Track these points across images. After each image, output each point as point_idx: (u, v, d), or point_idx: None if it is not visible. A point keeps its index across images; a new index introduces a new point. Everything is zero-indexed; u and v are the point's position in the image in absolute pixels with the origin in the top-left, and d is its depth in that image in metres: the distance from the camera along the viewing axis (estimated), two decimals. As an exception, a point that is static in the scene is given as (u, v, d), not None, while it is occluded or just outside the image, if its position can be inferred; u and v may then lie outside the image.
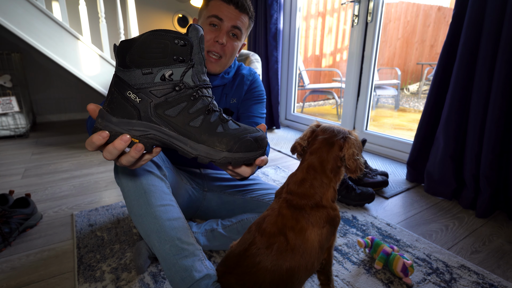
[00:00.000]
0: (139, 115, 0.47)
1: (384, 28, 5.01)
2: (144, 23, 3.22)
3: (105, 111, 0.47)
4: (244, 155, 0.51)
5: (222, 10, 0.85)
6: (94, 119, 0.71)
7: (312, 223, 0.60)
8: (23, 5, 1.85)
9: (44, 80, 2.94)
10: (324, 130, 0.68)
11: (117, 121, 0.46)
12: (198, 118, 0.49)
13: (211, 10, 0.85)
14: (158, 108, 0.47)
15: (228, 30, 0.87)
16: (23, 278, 0.83)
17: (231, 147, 0.50)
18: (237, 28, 0.87)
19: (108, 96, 0.48)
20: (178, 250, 0.65)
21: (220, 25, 0.86)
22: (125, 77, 0.46)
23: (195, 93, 0.49)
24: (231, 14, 0.85)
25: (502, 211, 1.25)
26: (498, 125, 1.15)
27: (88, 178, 1.56)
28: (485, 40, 1.16)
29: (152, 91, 0.46)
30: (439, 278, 0.85)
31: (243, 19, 0.88)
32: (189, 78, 0.48)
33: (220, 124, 0.51)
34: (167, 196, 0.72)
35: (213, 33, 0.86)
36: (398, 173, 1.65)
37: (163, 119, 0.48)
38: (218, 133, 0.50)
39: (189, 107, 0.49)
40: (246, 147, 0.51)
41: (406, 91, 5.38)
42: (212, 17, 0.85)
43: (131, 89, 0.46)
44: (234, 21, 0.86)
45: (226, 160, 0.50)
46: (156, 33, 0.45)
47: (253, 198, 0.99)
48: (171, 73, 0.46)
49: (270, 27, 2.52)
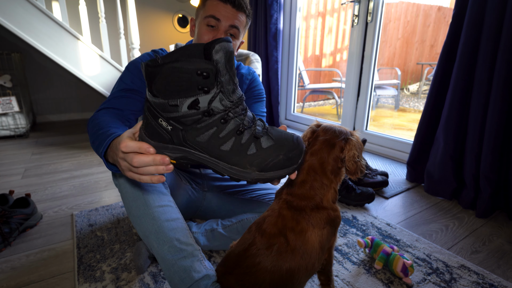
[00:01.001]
0: (172, 140, 0.48)
1: (384, 28, 5.01)
2: (144, 23, 3.22)
3: (144, 135, 0.49)
4: (276, 173, 0.51)
5: (219, 10, 0.84)
6: (95, 123, 0.70)
7: (312, 224, 0.60)
8: (23, 5, 1.85)
9: (44, 80, 2.94)
10: (325, 130, 0.67)
11: (155, 145, 0.48)
12: (229, 142, 0.48)
13: (208, 10, 0.85)
14: (189, 136, 0.47)
15: (226, 30, 0.86)
16: (23, 278, 0.83)
17: (262, 168, 0.49)
18: (235, 27, 0.86)
19: (144, 119, 0.49)
20: (176, 250, 0.65)
21: (217, 25, 0.85)
22: (155, 104, 0.46)
23: (226, 115, 0.48)
24: (228, 14, 0.84)
25: (502, 211, 1.25)
26: (498, 125, 1.15)
27: (88, 178, 1.56)
28: (485, 40, 1.16)
29: (181, 119, 0.46)
30: (439, 278, 0.85)
31: (240, 17, 0.87)
32: (218, 103, 0.47)
33: (252, 143, 0.50)
34: (165, 197, 0.72)
35: (210, 33, 0.86)
36: (398, 173, 1.65)
37: (195, 144, 0.48)
38: (249, 156, 0.49)
39: (219, 131, 0.48)
40: (278, 166, 0.50)
41: (406, 91, 5.38)
42: (209, 18, 0.84)
43: (162, 117, 0.47)
44: (232, 20, 0.85)
45: (257, 180, 0.50)
46: (175, 68, 0.43)
47: (253, 198, 0.99)
48: (197, 102, 0.45)
49: (270, 27, 2.52)
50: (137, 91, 0.84)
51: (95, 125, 0.69)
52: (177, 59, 0.43)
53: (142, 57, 0.89)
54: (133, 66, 0.86)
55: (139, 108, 0.84)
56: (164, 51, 0.95)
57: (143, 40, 3.25)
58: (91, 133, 0.69)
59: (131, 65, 0.87)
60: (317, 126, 0.71)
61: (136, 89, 0.84)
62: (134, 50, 2.15)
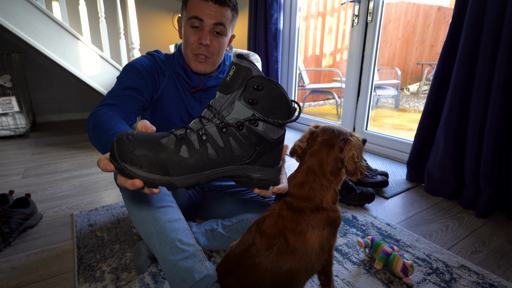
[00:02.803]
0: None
1: (384, 28, 5.01)
2: (144, 23, 3.22)
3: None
4: None
5: (202, 9, 0.81)
6: (97, 118, 0.69)
7: (312, 225, 0.60)
8: (23, 5, 1.85)
9: (44, 80, 2.94)
10: (324, 131, 0.67)
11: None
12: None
13: (190, 11, 0.82)
14: None
15: (211, 29, 0.83)
16: (23, 278, 0.83)
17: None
18: (220, 24, 0.83)
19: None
20: (178, 251, 0.64)
21: (201, 25, 0.83)
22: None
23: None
24: (211, 12, 0.81)
25: (502, 211, 1.25)
26: (498, 125, 1.15)
27: (88, 178, 1.56)
28: (485, 40, 1.16)
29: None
30: (439, 278, 0.85)
31: (225, 12, 0.83)
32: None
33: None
34: (167, 197, 0.72)
35: (195, 34, 0.84)
36: (398, 173, 1.65)
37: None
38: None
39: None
40: None
41: (406, 91, 5.37)
42: (192, 19, 0.82)
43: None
44: (216, 18, 0.82)
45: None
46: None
47: (253, 198, 0.99)
48: None
49: (270, 27, 2.52)
50: (139, 90, 0.83)
51: (98, 120, 0.68)
52: None
53: (139, 59, 0.89)
54: (131, 67, 0.86)
55: (139, 107, 0.84)
56: (159, 53, 0.95)
57: (143, 40, 3.25)
58: (94, 128, 0.67)
59: (129, 66, 0.86)
60: (315, 127, 0.71)
61: (138, 88, 0.83)
62: (134, 50, 2.15)
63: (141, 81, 0.85)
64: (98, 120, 0.68)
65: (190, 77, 0.93)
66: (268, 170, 0.52)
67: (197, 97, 0.96)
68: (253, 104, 0.47)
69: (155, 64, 0.91)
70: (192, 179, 0.45)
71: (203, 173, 0.46)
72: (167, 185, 0.44)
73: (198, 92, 0.95)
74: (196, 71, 0.89)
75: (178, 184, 0.44)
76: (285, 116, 0.49)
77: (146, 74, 0.87)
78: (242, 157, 0.49)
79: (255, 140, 0.48)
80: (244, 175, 0.50)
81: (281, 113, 0.49)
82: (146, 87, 0.86)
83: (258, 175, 0.51)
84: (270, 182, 0.53)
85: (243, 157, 0.49)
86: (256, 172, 0.51)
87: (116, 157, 0.42)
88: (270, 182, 0.53)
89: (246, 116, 0.47)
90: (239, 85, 0.47)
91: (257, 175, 0.51)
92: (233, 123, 0.47)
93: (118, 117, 0.71)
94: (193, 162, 0.45)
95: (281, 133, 0.51)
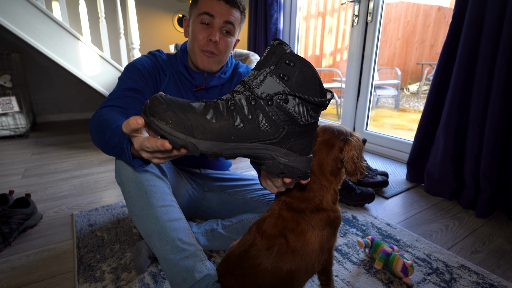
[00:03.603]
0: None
1: (384, 28, 5.01)
2: (144, 23, 3.22)
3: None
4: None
5: (213, 7, 0.82)
6: (102, 118, 0.68)
7: (312, 225, 0.60)
8: (23, 5, 1.85)
9: (44, 80, 2.94)
10: (324, 131, 0.67)
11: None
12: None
13: (202, 7, 0.83)
14: None
15: (221, 26, 0.84)
16: (23, 278, 0.83)
17: None
18: (230, 23, 0.85)
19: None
20: (179, 251, 0.65)
21: (212, 22, 0.84)
22: None
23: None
24: (222, 10, 0.83)
25: (502, 211, 1.25)
26: (498, 125, 1.15)
27: (88, 178, 1.56)
28: (485, 40, 1.16)
29: None
30: (439, 278, 0.85)
31: (235, 13, 0.85)
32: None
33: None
34: (168, 196, 0.72)
35: (205, 31, 0.84)
36: (398, 173, 1.65)
37: None
38: None
39: None
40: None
41: (406, 91, 5.37)
42: (203, 15, 0.83)
43: None
44: (226, 16, 0.83)
45: None
46: None
47: (253, 198, 0.99)
48: None
49: (270, 27, 2.52)
50: (140, 90, 0.83)
51: (101, 119, 0.67)
52: None
53: (140, 59, 0.89)
54: (132, 67, 0.86)
55: (141, 107, 0.84)
56: (161, 52, 0.95)
57: (143, 40, 3.25)
58: (97, 127, 0.66)
59: (130, 66, 0.86)
60: None
61: (139, 89, 0.83)
62: (134, 50, 2.15)
63: (142, 81, 0.85)
64: (101, 119, 0.67)
65: (193, 76, 0.92)
66: (296, 157, 0.50)
67: (199, 97, 0.96)
68: (284, 79, 0.46)
69: (156, 64, 0.91)
70: (216, 148, 0.45)
71: (228, 145, 0.46)
72: (190, 148, 0.44)
73: (200, 91, 0.95)
74: (203, 67, 0.89)
75: (201, 148, 0.44)
76: (317, 97, 0.48)
77: (147, 74, 0.87)
78: (269, 134, 0.47)
79: (284, 118, 0.47)
80: (270, 156, 0.49)
81: (313, 95, 0.48)
82: (147, 87, 0.86)
83: (285, 160, 0.49)
84: (298, 171, 0.50)
85: (270, 134, 0.47)
86: (284, 156, 0.49)
87: (147, 112, 0.44)
88: (298, 171, 0.50)
89: (277, 91, 0.47)
90: (272, 62, 0.47)
91: (284, 160, 0.49)
92: (263, 96, 0.47)
93: (121, 116, 0.71)
94: (218, 127, 0.45)
95: (312, 119, 0.49)
